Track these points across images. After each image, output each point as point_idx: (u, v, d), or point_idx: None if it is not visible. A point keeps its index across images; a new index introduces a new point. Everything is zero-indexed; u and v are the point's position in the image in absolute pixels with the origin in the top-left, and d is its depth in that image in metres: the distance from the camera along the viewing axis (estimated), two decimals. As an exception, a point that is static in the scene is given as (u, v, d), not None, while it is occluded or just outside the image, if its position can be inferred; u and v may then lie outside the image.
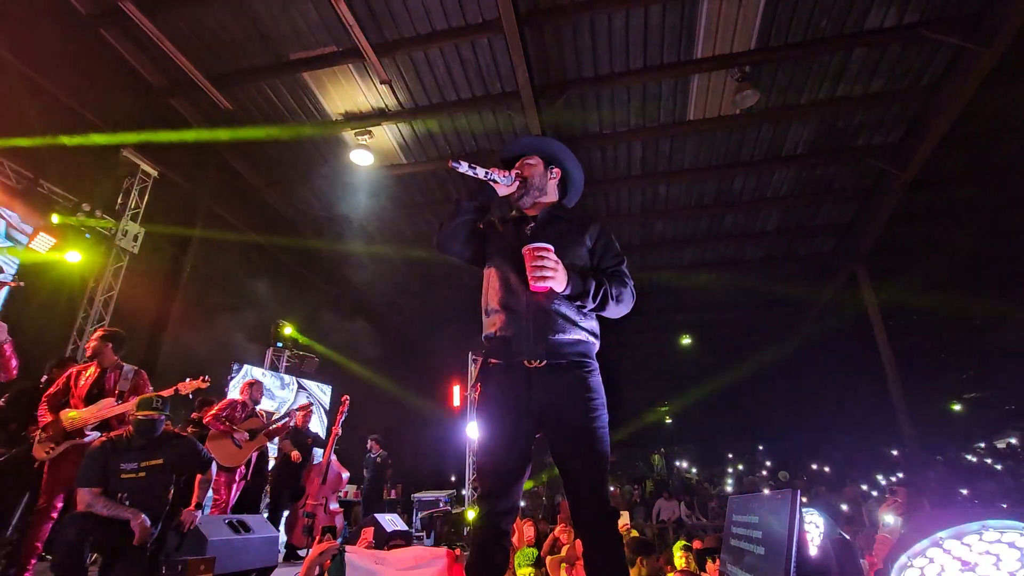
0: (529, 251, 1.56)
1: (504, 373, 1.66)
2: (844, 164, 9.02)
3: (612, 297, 1.66)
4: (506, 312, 1.69)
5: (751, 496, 1.51)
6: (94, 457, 2.71)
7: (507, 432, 1.62)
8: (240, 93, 8.02)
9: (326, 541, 2.50)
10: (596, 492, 1.52)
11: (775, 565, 1.06)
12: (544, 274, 1.53)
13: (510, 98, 7.83)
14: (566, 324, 1.65)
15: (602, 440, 1.58)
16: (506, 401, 1.64)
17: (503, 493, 1.58)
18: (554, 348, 1.62)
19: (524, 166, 1.92)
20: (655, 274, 13.19)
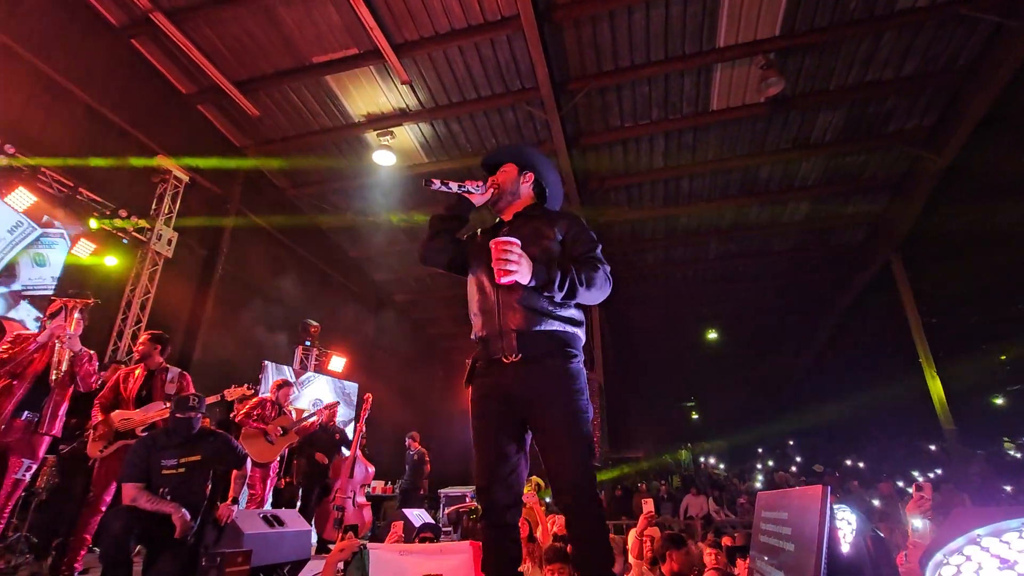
0: (495, 244, 1.59)
1: (486, 372, 1.73)
2: (875, 151, 8.75)
3: (581, 283, 1.65)
4: (482, 314, 1.76)
5: (780, 492, 1.49)
6: (137, 453, 2.84)
7: (492, 427, 1.67)
8: (265, 98, 8.20)
9: (347, 539, 2.56)
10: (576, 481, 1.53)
11: (805, 563, 1.05)
12: (508, 267, 1.55)
13: (529, 94, 7.82)
14: (538, 316, 1.67)
15: (581, 428, 1.59)
16: (489, 398, 1.70)
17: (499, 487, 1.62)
18: (527, 341, 1.66)
19: (499, 174, 2.00)
20: (679, 268, 13.04)
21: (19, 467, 2.86)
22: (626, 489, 13.14)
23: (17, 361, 2.84)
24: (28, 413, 2.88)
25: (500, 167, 2.02)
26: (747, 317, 15.55)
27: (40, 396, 2.96)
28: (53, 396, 3.00)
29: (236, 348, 8.68)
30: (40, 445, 2.97)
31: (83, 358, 3.16)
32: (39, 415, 2.93)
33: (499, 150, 2.07)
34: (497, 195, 1.96)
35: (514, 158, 2.02)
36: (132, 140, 7.27)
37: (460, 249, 1.95)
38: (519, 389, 1.64)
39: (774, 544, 1.33)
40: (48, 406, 2.97)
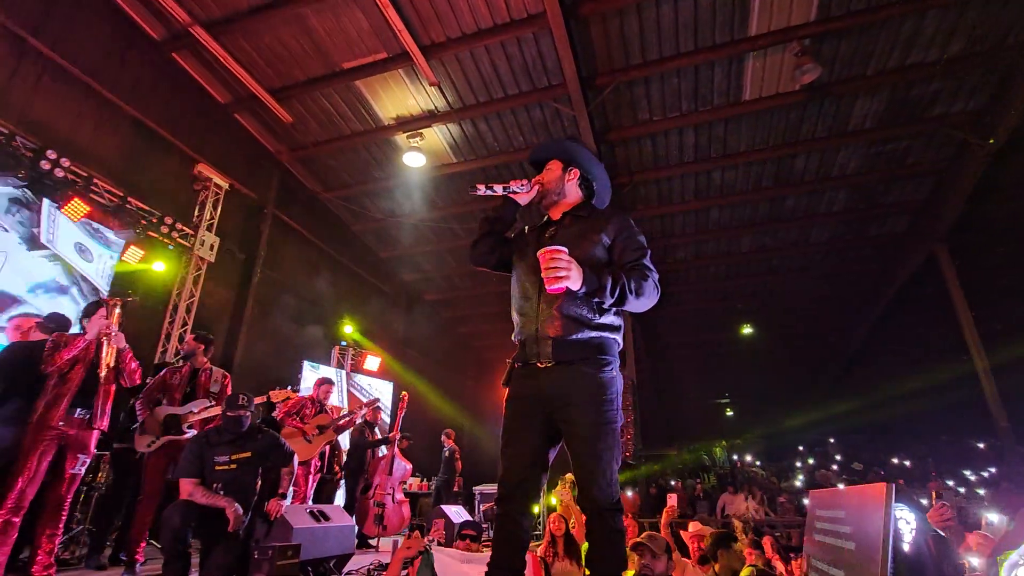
0: (543, 254, 1.60)
1: (522, 374, 1.77)
2: (918, 137, 8.41)
3: (631, 291, 1.65)
4: (521, 317, 1.80)
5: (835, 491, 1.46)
6: (191, 450, 2.97)
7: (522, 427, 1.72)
8: (298, 104, 8.40)
9: (414, 538, 2.60)
10: (599, 488, 1.57)
11: (868, 561, 1.03)
12: (558, 275, 1.56)
13: (557, 91, 7.80)
14: (576, 324, 1.69)
15: (607, 436, 1.61)
16: (522, 399, 1.75)
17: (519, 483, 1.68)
18: (562, 348, 1.68)
19: (544, 173, 1.99)
20: (712, 263, 12.80)
21: (75, 463, 2.99)
22: (660, 487, 13.01)
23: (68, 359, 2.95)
24: (80, 410, 3.00)
25: (545, 164, 2.02)
26: (783, 312, 15.17)
27: (89, 393, 3.07)
28: (101, 392, 3.10)
29: (275, 348, 8.94)
30: (91, 440, 3.09)
31: (128, 354, 3.28)
32: (90, 411, 3.04)
33: (545, 146, 2.06)
34: (542, 193, 1.96)
35: (559, 154, 2.01)
36: (174, 150, 7.56)
37: (508, 249, 1.97)
38: (551, 393, 1.68)
39: (831, 543, 1.30)
40: (98, 402, 3.08)
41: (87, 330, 3.11)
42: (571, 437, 1.66)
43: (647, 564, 2.38)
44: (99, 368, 3.10)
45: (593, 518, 1.60)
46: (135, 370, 3.33)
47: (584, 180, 2.01)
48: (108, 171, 6.48)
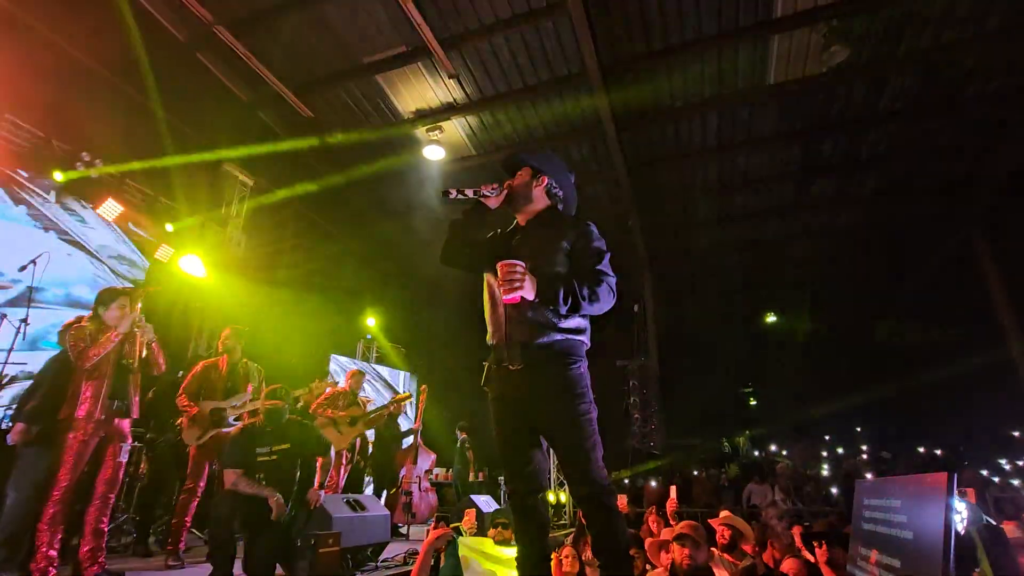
0: (500, 267, 1.70)
1: (496, 377, 1.88)
2: (953, 116, 8.13)
3: (583, 297, 1.72)
4: (492, 324, 1.92)
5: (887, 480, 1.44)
6: (237, 442, 3.06)
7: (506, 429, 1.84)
8: (319, 101, 8.47)
9: (441, 528, 2.67)
10: (583, 475, 1.66)
11: (929, 552, 1.02)
12: (513, 286, 1.65)
13: (577, 80, 7.72)
14: (541, 329, 1.78)
15: (583, 427, 1.70)
16: (500, 401, 1.87)
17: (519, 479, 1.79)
18: (529, 352, 1.78)
19: (516, 176, 2.10)
20: (735, 252, 12.61)
21: (119, 451, 3.10)
22: (685, 478, 12.96)
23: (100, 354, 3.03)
24: (117, 401, 3.10)
25: (517, 170, 2.12)
26: (809, 300, 14.90)
27: (122, 384, 3.17)
28: (132, 382, 3.20)
29: (303, 342, 9.11)
30: (128, 428, 3.20)
31: (156, 345, 3.37)
32: (125, 402, 3.14)
33: (516, 154, 2.17)
34: (510, 196, 2.07)
35: (528, 162, 2.10)
36: (200, 147, 7.70)
37: (478, 252, 2.09)
38: (523, 394, 1.78)
39: (883, 532, 1.29)
40: (130, 392, 3.18)
41: (113, 322, 3.16)
42: (550, 435, 1.77)
43: (691, 554, 2.41)
44: (131, 360, 3.18)
45: (587, 503, 1.67)
46: (162, 361, 3.44)
47: (550, 189, 2.09)
48: (138, 171, 6.64)
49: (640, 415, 9.57)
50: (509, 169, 2.15)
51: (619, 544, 1.61)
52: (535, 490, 1.79)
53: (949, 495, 0.99)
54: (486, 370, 1.94)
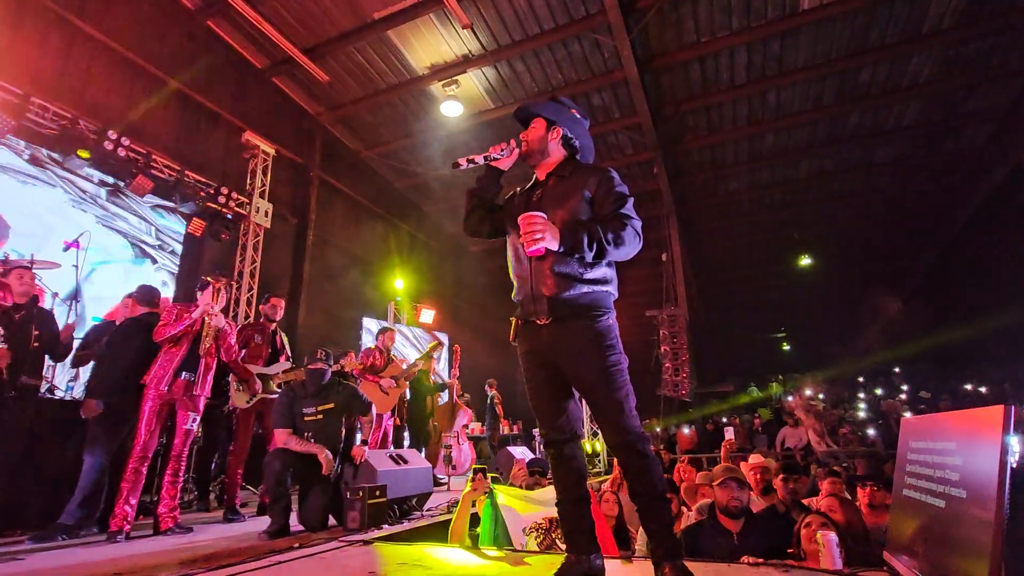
0: (520, 221, 1.70)
1: (524, 332, 1.89)
2: (1006, 33, 7.47)
3: (608, 242, 1.69)
4: (518, 279, 1.90)
5: (934, 417, 1.41)
6: (282, 403, 3.22)
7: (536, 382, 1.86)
8: (333, 62, 8.32)
9: (478, 480, 2.77)
10: (618, 424, 1.68)
11: (980, 491, 1.01)
12: (534, 238, 1.65)
13: (596, 20, 7.36)
14: (567, 281, 1.76)
15: (614, 378, 1.70)
16: (530, 356, 1.87)
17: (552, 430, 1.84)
18: (556, 306, 1.76)
19: (529, 131, 2.04)
20: (766, 192, 12.17)
21: (187, 419, 3.32)
22: (716, 424, 13.06)
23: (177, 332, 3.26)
24: (186, 374, 3.31)
25: (530, 122, 2.05)
26: (844, 240, 14.40)
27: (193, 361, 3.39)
28: (203, 363, 3.41)
29: (335, 307, 9.33)
30: (199, 402, 3.41)
31: (227, 332, 3.56)
32: (194, 376, 3.36)
33: (528, 104, 2.07)
34: (527, 152, 2.02)
35: (542, 113, 2.03)
36: (220, 120, 7.73)
37: (499, 215, 2.06)
38: (553, 348, 1.79)
39: (930, 472, 1.28)
40: (200, 371, 3.39)
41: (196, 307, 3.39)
42: (582, 387, 1.78)
43: (736, 497, 2.46)
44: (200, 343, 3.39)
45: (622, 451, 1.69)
46: (232, 346, 3.63)
47: (566, 139, 2.03)
48: (163, 147, 6.71)
49: (671, 364, 9.59)
50: (522, 122, 2.08)
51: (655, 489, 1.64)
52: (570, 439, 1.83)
53: (1005, 431, 0.96)
54: (514, 326, 1.94)
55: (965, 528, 1.05)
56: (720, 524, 2.51)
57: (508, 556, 2.11)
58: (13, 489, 3.14)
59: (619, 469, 4.15)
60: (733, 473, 2.55)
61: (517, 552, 2.24)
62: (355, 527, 2.90)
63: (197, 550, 2.54)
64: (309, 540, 2.62)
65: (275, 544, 2.58)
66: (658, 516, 1.64)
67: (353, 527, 2.90)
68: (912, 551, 1.35)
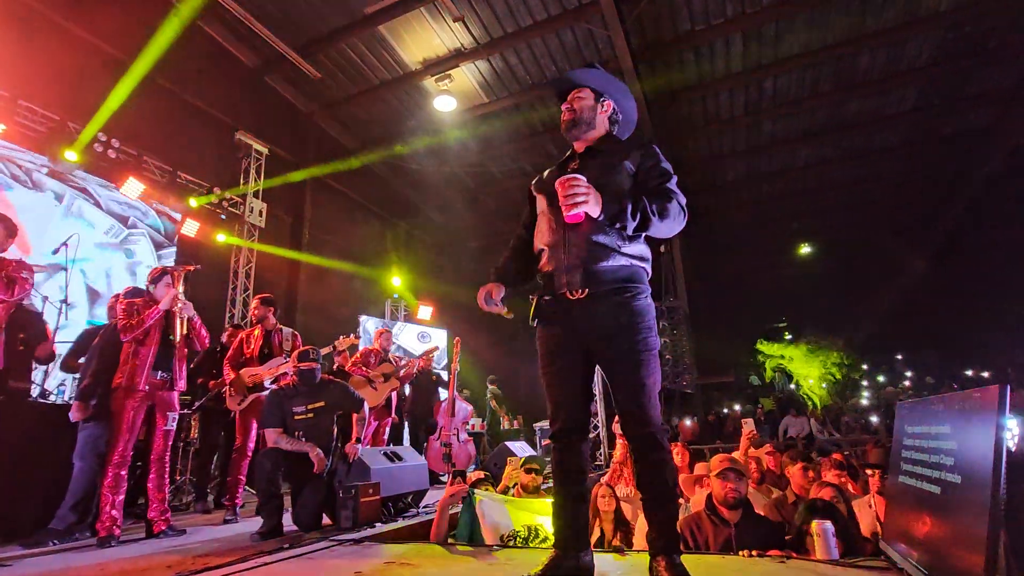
0: (560, 183, 1.57)
1: (552, 307, 1.72)
2: (1006, 12, 7.37)
3: (653, 213, 1.59)
4: (549, 249, 1.74)
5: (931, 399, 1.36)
6: (271, 403, 3.17)
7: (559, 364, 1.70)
8: (325, 59, 8.25)
9: (457, 484, 2.72)
10: (645, 413, 1.58)
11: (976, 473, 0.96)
12: (576, 200, 1.54)
13: (588, 11, 7.28)
14: (605, 252, 1.65)
15: (648, 363, 1.61)
16: (555, 334, 1.71)
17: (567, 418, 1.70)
18: (593, 277, 1.64)
19: (575, 99, 1.87)
20: (765, 182, 12.09)
21: (166, 420, 3.24)
22: (718, 415, 13.03)
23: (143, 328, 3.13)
24: (161, 373, 3.22)
25: (574, 91, 1.90)
26: (844, 228, 14.32)
27: (166, 357, 3.27)
28: (176, 356, 3.31)
29: (332, 305, 9.29)
30: (175, 399, 3.33)
31: (196, 321, 3.44)
32: (170, 374, 3.27)
33: (575, 72, 1.92)
34: (572, 121, 1.86)
35: (591, 82, 1.88)
36: (212, 119, 7.67)
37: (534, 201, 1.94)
38: (585, 325, 1.65)
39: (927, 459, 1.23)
40: (175, 365, 3.29)
41: (158, 299, 3.26)
42: (613, 368, 1.65)
43: (735, 488, 2.41)
44: (172, 335, 3.27)
45: (643, 442, 1.60)
46: (205, 336, 3.51)
47: (614, 114, 1.91)
48: (155, 148, 6.66)
49: (670, 356, 9.53)
50: (564, 90, 1.92)
51: (668, 483, 1.58)
52: (580, 429, 1.71)
53: (1001, 412, 0.91)
54: (536, 302, 1.78)
55: (961, 515, 1.00)
56: (719, 515, 2.46)
57: (496, 553, 2.07)
58: (5, 496, 3.11)
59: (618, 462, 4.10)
60: (731, 463, 2.50)
61: (505, 549, 2.20)
62: (348, 526, 2.86)
63: (187, 552, 2.51)
64: (300, 540, 2.58)
65: (264, 545, 2.55)
66: (666, 510, 1.58)
67: (346, 526, 2.87)
68: (908, 539, 1.30)
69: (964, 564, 0.95)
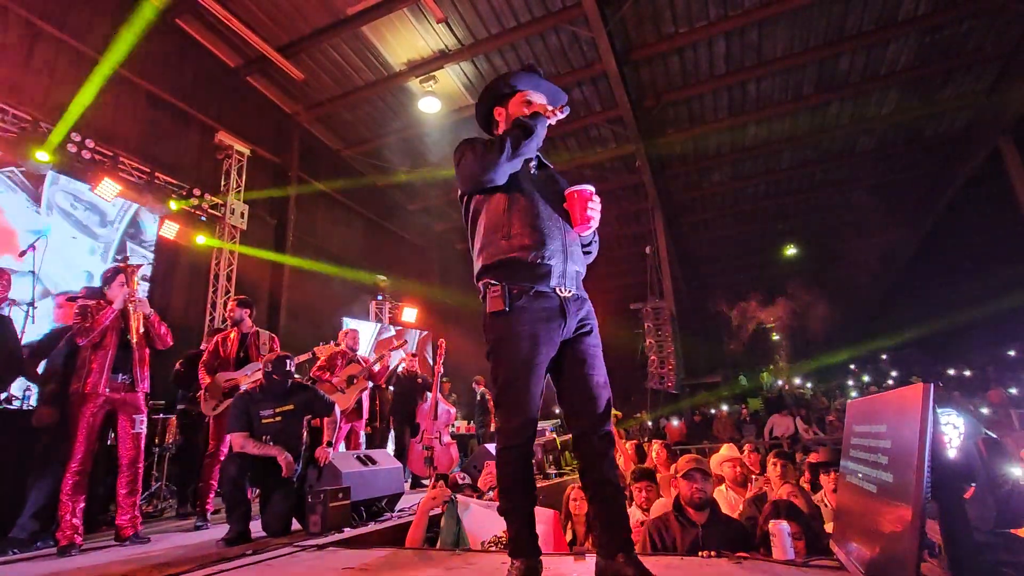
0: (581, 193, 1.68)
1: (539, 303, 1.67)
2: (981, 17, 7.49)
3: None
4: (548, 241, 1.71)
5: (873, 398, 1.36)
6: (237, 407, 3.12)
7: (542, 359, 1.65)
8: (308, 60, 8.21)
9: (439, 488, 2.68)
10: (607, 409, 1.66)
11: (904, 469, 0.95)
12: (593, 215, 1.68)
13: (572, 12, 7.31)
14: (582, 258, 1.81)
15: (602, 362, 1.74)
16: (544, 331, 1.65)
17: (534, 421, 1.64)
18: (577, 279, 1.77)
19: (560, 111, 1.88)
20: (749, 183, 12.16)
21: (134, 423, 3.15)
22: (704, 415, 13.06)
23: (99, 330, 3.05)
24: (122, 375, 3.13)
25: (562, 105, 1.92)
26: (828, 229, 14.43)
27: (126, 358, 3.17)
28: (136, 357, 3.20)
29: (315, 307, 9.22)
30: (140, 400, 3.23)
31: (154, 318, 3.34)
32: (131, 375, 3.16)
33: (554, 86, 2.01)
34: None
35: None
36: (193, 120, 7.59)
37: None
38: (573, 323, 1.70)
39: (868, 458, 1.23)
40: (135, 366, 3.18)
41: (111, 299, 3.17)
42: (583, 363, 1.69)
43: (701, 488, 2.41)
44: (129, 335, 3.18)
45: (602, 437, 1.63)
46: (165, 334, 3.38)
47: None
48: (132, 148, 6.58)
49: (656, 357, 9.55)
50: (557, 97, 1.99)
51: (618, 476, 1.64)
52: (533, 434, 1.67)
53: (925, 409, 0.91)
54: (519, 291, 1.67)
55: (890, 515, 1.00)
56: (686, 515, 2.46)
57: (456, 557, 2.05)
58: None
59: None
60: (697, 464, 2.50)
61: (466, 553, 2.17)
62: (317, 531, 2.82)
63: (146, 560, 2.46)
64: (264, 546, 2.54)
65: (228, 552, 2.50)
66: (620, 505, 1.59)
67: (315, 531, 2.82)
68: (853, 538, 1.30)
69: (894, 563, 0.94)
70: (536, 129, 1.76)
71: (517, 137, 1.73)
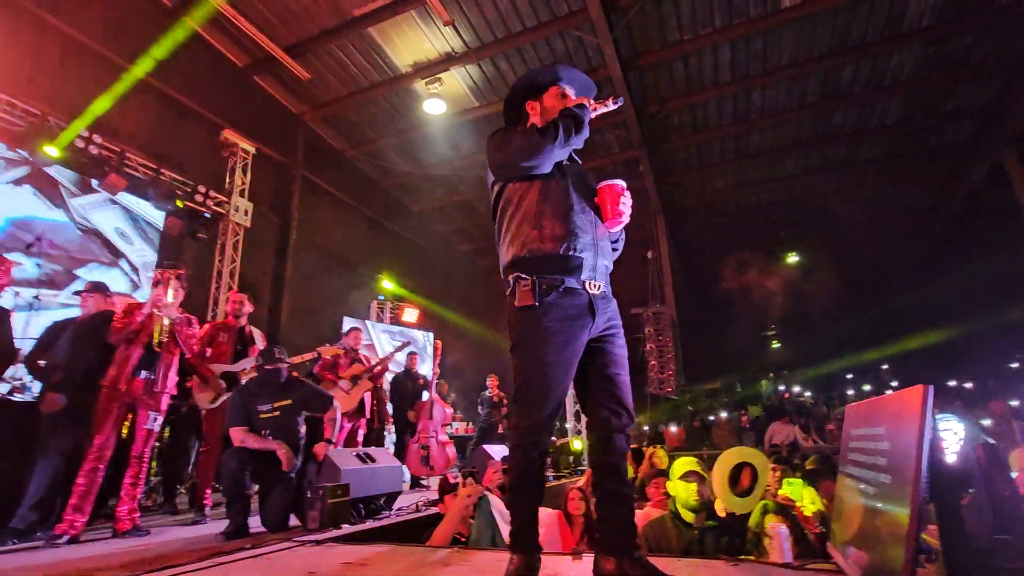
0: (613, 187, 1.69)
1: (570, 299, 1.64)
2: (985, 30, 7.51)
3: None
4: (581, 235, 1.69)
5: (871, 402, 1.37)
6: (236, 401, 3.15)
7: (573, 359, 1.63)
8: (314, 60, 8.25)
9: (470, 485, 2.67)
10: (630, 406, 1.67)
11: (901, 472, 0.96)
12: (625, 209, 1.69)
13: (578, 17, 7.33)
14: (611, 254, 1.81)
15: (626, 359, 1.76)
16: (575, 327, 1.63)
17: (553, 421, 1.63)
18: (606, 274, 1.76)
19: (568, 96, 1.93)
20: (753, 191, 12.18)
21: (147, 419, 3.21)
22: (703, 421, 13.05)
23: (130, 330, 3.16)
24: (145, 373, 3.21)
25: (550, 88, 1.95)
26: (831, 238, 14.42)
27: (151, 359, 3.28)
28: (162, 359, 3.30)
29: (317, 307, 9.24)
30: (161, 400, 3.30)
31: (182, 324, 3.42)
32: (153, 375, 3.26)
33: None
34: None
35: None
36: (199, 118, 7.63)
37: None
38: (601, 321, 1.69)
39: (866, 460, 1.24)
40: (159, 368, 3.28)
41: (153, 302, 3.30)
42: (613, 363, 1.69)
43: (698, 490, 2.43)
44: (152, 339, 3.27)
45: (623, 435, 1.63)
46: (190, 336, 3.50)
47: None
48: (139, 145, 6.61)
49: (656, 362, 9.56)
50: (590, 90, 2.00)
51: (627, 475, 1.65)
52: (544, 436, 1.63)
53: (924, 411, 0.92)
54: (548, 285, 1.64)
55: (888, 516, 1.01)
56: (681, 518, 2.46)
57: (456, 553, 2.06)
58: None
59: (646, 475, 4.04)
60: (693, 466, 2.51)
61: (465, 550, 2.18)
62: (315, 527, 2.83)
63: (145, 552, 2.47)
64: (263, 541, 2.55)
65: (226, 546, 2.51)
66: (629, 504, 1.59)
67: (313, 527, 2.83)
68: (851, 543, 1.30)
69: (889, 564, 0.95)
70: (585, 120, 1.75)
71: (568, 126, 1.71)
